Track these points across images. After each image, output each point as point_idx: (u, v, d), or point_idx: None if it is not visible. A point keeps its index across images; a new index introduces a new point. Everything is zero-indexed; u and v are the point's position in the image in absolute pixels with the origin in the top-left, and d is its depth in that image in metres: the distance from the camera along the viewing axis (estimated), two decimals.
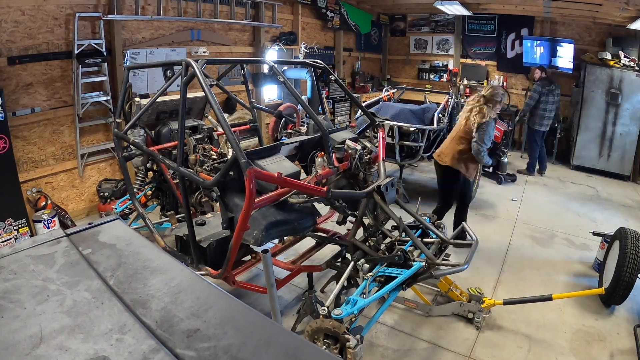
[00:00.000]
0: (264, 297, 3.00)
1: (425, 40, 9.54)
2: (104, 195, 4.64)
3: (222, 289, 0.99)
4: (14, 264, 1.02)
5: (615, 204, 5.66)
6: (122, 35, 4.69)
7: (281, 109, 3.64)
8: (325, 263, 2.94)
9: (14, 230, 3.83)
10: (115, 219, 1.30)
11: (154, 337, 0.79)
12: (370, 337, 2.82)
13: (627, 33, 6.84)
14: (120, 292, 0.93)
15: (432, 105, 5.68)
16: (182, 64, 2.48)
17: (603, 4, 6.03)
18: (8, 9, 3.79)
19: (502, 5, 7.71)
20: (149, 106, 2.95)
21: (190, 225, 2.51)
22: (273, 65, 3.05)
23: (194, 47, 5.54)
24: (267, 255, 2.03)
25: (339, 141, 3.00)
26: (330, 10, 7.68)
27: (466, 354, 2.71)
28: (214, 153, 2.82)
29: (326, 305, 2.16)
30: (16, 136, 3.99)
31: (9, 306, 0.86)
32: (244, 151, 2.10)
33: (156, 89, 3.79)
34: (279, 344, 0.82)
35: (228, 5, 5.84)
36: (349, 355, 1.98)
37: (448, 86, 8.79)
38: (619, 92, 6.56)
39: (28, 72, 4.06)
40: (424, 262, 2.43)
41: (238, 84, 6.07)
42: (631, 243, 2.97)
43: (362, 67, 9.30)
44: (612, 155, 6.87)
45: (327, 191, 2.33)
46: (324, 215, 3.27)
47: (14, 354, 0.74)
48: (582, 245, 4.33)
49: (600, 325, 3.02)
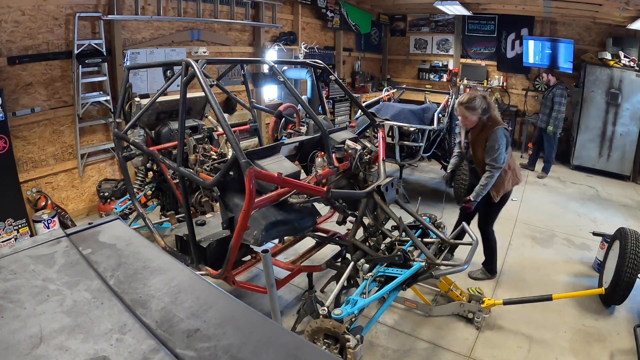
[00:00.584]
0: (264, 297, 3.01)
1: (425, 40, 9.55)
2: (104, 195, 4.64)
3: (222, 289, 0.99)
4: (14, 264, 1.02)
5: (615, 204, 5.66)
6: (122, 35, 4.69)
7: (281, 109, 3.64)
8: (325, 263, 2.94)
9: (14, 230, 3.83)
10: (115, 219, 1.30)
11: (154, 337, 0.79)
12: (370, 337, 2.82)
13: (627, 33, 6.84)
14: (120, 292, 0.93)
15: (432, 105, 5.68)
16: (182, 64, 2.48)
17: (603, 4, 6.03)
18: (8, 9, 3.79)
19: (502, 5, 7.71)
20: (149, 106, 2.95)
21: (190, 225, 2.51)
22: (273, 65, 3.05)
23: (194, 47, 5.54)
24: (267, 255, 2.03)
25: (339, 141, 3.00)
26: (330, 10, 7.68)
27: (466, 354, 2.71)
28: (214, 153, 2.82)
29: (326, 305, 2.16)
30: (16, 136, 3.99)
31: (9, 306, 0.86)
32: (244, 151, 2.11)
33: (156, 89, 3.79)
34: (279, 344, 0.82)
35: (228, 5, 5.84)
36: (349, 355, 1.98)
37: (448, 86, 8.79)
38: (619, 92, 6.57)
39: (28, 72, 4.06)
40: (424, 262, 2.43)
41: (238, 84, 6.07)
42: (631, 243, 2.97)
43: (362, 67, 9.30)
44: (612, 155, 6.87)
45: (327, 191, 2.33)
46: (324, 215, 3.27)
47: (14, 354, 0.74)
48: (582, 245, 4.33)
49: (600, 325, 3.02)
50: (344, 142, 2.99)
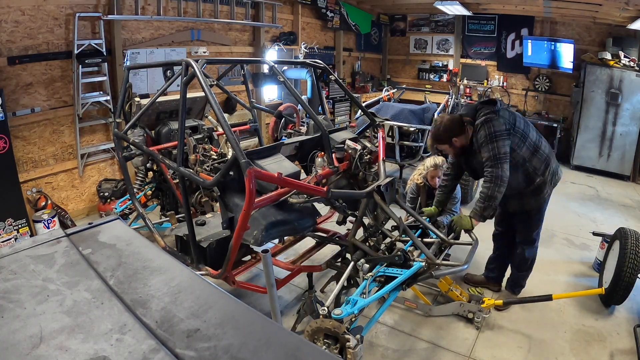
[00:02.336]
0: (264, 297, 3.00)
1: (425, 40, 9.54)
2: (104, 195, 4.64)
3: (222, 289, 0.99)
4: (14, 264, 1.02)
5: (615, 204, 5.66)
6: (122, 35, 4.69)
7: (281, 109, 3.64)
8: (325, 263, 2.94)
9: (14, 230, 3.83)
10: (115, 219, 1.30)
11: (154, 337, 0.79)
12: (370, 337, 2.82)
13: (627, 33, 6.84)
14: (120, 292, 0.93)
15: (432, 105, 5.68)
16: (182, 64, 2.48)
17: (603, 4, 6.03)
18: (8, 9, 3.79)
19: (502, 5, 7.71)
20: (149, 106, 2.95)
21: (190, 225, 2.51)
22: (273, 65, 3.05)
23: (194, 47, 5.54)
24: (267, 255, 2.03)
25: (339, 141, 3.00)
26: (330, 10, 7.68)
27: (466, 354, 2.71)
28: (214, 153, 2.82)
29: (326, 305, 2.16)
30: (16, 136, 3.99)
31: (9, 306, 0.86)
32: (244, 151, 2.10)
33: (156, 89, 3.79)
34: (279, 344, 0.82)
35: (228, 5, 5.84)
36: (349, 355, 1.98)
37: (448, 86, 8.80)
38: (619, 92, 6.56)
39: (28, 72, 4.06)
40: (424, 262, 2.43)
41: (238, 84, 6.07)
42: (631, 243, 2.97)
43: (362, 67, 9.30)
44: (612, 155, 6.87)
45: (327, 191, 2.33)
46: (324, 215, 3.27)
47: (14, 354, 0.74)
48: (582, 245, 4.33)
49: (600, 325, 3.02)
50: (344, 142, 2.98)
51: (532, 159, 2.73)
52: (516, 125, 2.67)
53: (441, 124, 2.81)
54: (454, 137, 2.78)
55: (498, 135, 2.59)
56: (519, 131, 2.68)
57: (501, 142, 2.58)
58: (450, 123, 2.79)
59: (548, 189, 2.87)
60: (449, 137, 2.79)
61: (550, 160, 2.83)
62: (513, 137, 2.64)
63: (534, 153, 2.74)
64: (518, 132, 2.67)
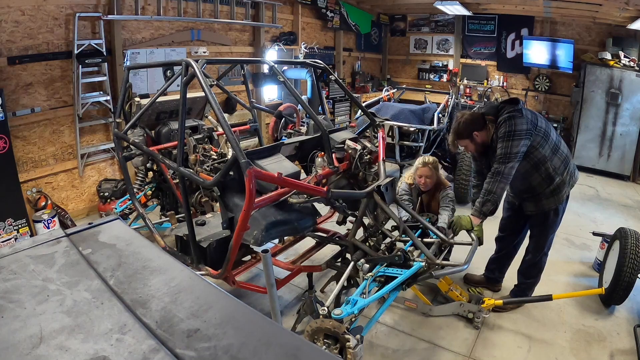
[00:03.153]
0: (264, 297, 3.00)
1: (425, 40, 9.55)
2: (104, 195, 4.64)
3: (222, 289, 0.99)
4: (14, 264, 1.02)
5: (615, 204, 5.65)
6: (122, 35, 4.69)
7: (281, 109, 3.65)
8: (325, 263, 2.94)
9: (14, 230, 3.83)
10: (115, 219, 1.30)
11: (154, 337, 0.79)
12: (370, 337, 2.82)
13: (627, 33, 6.84)
14: (120, 292, 0.93)
15: (432, 105, 5.68)
16: (182, 64, 2.48)
17: (603, 4, 6.03)
18: (8, 9, 3.79)
19: (502, 5, 7.71)
20: (149, 106, 2.95)
21: (190, 225, 2.51)
22: (273, 65, 3.05)
23: (194, 47, 5.54)
24: (267, 255, 2.03)
25: (339, 141, 3.00)
26: (330, 10, 7.68)
27: (466, 354, 2.71)
28: (214, 153, 2.82)
29: (326, 305, 2.16)
30: (16, 136, 3.99)
31: (9, 306, 0.86)
32: (244, 151, 2.11)
33: (156, 89, 3.80)
34: (279, 344, 0.82)
35: (228, 5, 5.84)
36: (349, 355, 1.98)
37: (448, 86, 8.80)
38: (619, 92, 6.56)
39: (28, 72, 4.06)
40: (424, 262, 2.43)
41: (238, 84, 6.07)
42: (631, 243, 2.97)
43: (362, 67, 9.30)
44: (612, 155, 6.87)
45: (327, 191, 2.33)
46: (324, 215, 3.27)
47: (14, 354, 0.74)
48: (582, 245, 4.32)
49: (600, 325, 3.02)
50: (344, 142, 2.98)
51: (552, 157, 2.73)
52: (538, 125, 2.67)
53: (462, 118, 2.79)
54: (475, 131, 2.75)
55: (517, 134, 2.57)
56: (542, 130, 2.68)
57: (517, 142, 2.57)
58: (471, 117, 2.78)
59: (566, 189, 2.86)
60: (471, 131, 2.75)
61: (569, 161, 2.83)
62: (535, 136, 2.64)
63: (554, 152, 2.74)
64: (540, 131, 2.66)
